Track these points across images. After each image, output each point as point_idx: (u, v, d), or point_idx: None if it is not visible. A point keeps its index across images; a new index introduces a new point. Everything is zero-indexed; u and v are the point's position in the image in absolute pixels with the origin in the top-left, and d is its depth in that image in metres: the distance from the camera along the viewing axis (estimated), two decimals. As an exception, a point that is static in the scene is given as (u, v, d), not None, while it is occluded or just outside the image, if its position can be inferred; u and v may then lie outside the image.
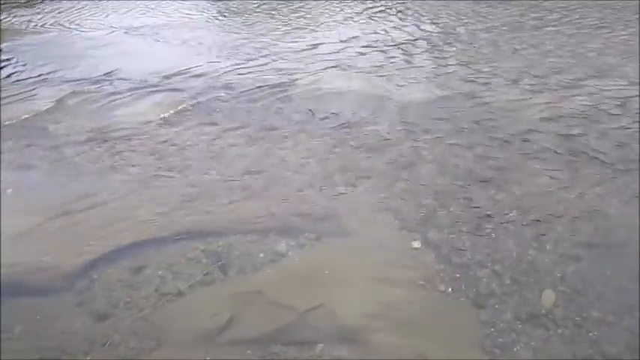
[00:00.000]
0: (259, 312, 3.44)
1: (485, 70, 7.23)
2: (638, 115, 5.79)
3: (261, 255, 3.92)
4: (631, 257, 3.82)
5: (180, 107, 6.26)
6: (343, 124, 5.79)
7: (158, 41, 9.25)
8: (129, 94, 6.84)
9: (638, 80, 6.72)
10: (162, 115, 6.07)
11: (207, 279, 3.73)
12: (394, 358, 3.10)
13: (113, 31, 10.23)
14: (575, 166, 4.89)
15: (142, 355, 3.15)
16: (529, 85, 6.68)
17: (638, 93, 6.33)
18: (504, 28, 9.45)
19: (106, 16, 11.83)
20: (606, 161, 4.95)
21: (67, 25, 11.08)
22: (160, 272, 3.76)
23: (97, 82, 7.34)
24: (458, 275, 3.69)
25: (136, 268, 3.81)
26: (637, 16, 9.67)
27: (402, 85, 6.80)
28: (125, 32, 10.07)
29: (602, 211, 4.29)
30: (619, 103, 6.10)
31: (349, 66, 7.54)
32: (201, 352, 3.14)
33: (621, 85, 6.59)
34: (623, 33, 8.66)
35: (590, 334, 3.24)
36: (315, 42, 8.71)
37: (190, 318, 3.41)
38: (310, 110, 6.14)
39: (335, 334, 3.25)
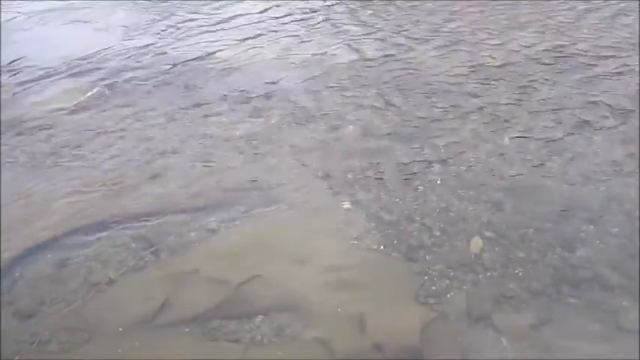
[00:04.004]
0: (195, 290, 3.39)
1: (404, 30, 7.27)
2: (552, 66, 6.04)
3: (192, 234, 3.84)
4: (548, 197, 4.02)
5: (93, 91, 5.95)
6: (266, 93, 5.71)
7: (66, 24, 8.72)
8: (38, 81, 6.43)
9: (547, 32, 6.98)
10: (75, 101, 5.76)
11: (139, 264, 3.62)
12: (333, 320, 3.14)
13: (16, 16, 9.57)
14: (492, 117, 5.05)
15: (74, 349, 3.04)
16: (447, 42, 6.79)
17: (548, 46, 6.59)
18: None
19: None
20: (521, 111, 5.15)
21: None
22: (87, 263, 3.61)
23: (2, 72, 6.87)
24: (389, 232, 3.76)
25: (61, 261, 3.63)
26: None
27: (323, 51, 6.74)
28: (30, 16, 9.45)
29: (520, 157, 4.47)
30: (532, 55, 6.32)
31: (269, 36, 7.39)
32: (136, 338, 3.07)
33: (533, 38, 6.81)
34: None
35: (517, 273, 3.41)
36: (233, 14, 8.46)
37: (123, 305, 3.32)
38: (231, 83, 6.01)
39: (273, 304, 3.26)
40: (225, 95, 5.75)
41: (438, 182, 4.23)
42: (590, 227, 3.73)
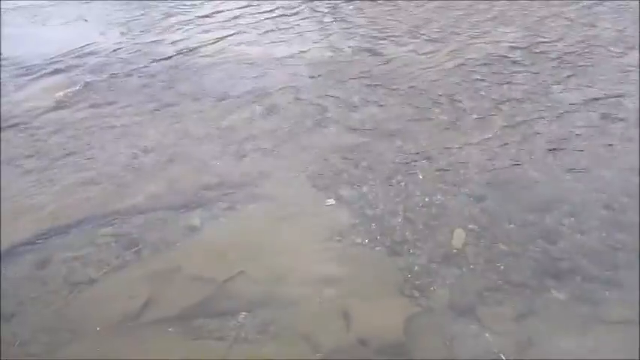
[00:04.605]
0: (178, 288, 3.35)
1: (386, 27, 7.28)
2: (533, 62, 6.10)
3: (175, 231, 3.80)
4: (530, 191, 4.05)
5: (73, 88, 5.86)
6: (247, 91, 5.67)
7: (44, 20, 8.60)
8: (17, 80, 6.32)
9: (529, 27, 7.05)
10: (55, 99, 5.67)
11: (121, 262, 3.57)
12: (318, 316, 3.14)
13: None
14: (474, 112, 5.08)
15: (58, 350, 2.99)
16: (428, 39, 6.81)
17: (529, 42, 6.65)
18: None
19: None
20: (502, 106, 5.19)
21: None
22: (67, 262, 3.56)
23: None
24: (373, 227, 3.76)
25: (41, 262, 3.57)
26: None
27: (304, 47, 6.73)
28: (5, 12, 9.29)
29: (503, 152, 4.50)
30: (513, 52, 6.38)
31: (250, 32, 7.35)
32: (119, 338, 3.03)
33: (514, 35, 6.87)
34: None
35: (499, 266, 3.43)
36: (214, 10, 8.40)
37: (106, 304, 3.27)
38: (213, 80, 5.97)
39: (257, 300, 3.24)
40: (206, 92, 5.71)
41: (421, 177, 4.25)
42: (571, 220, 3.77)
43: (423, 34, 6.92)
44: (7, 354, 2.97)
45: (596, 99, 5.23)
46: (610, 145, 4.54)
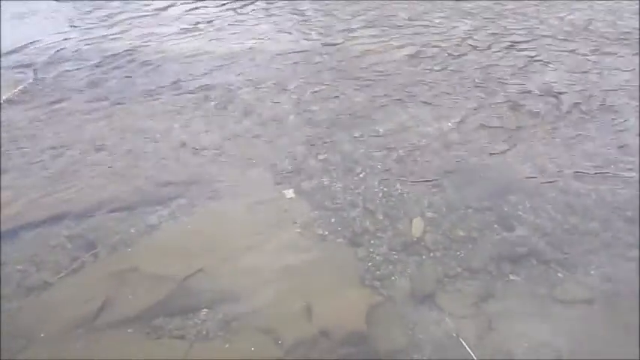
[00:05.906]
0: (137, 288, 3.28)
1: (344, 20, 7.28)
2: (488, 53, 6.20)
3: (132, 230, 3.72)
4: (487, 178, 4.12)
5: (22, 86, 5.66)
6: (203, 86, 5.58)
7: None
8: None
9: (486, 20, 7.15)
10: (2, 98, 5.47)
11: (76, 265, 3.48)
12: (279, 309, 3.12)
13: None
14: (431, 102, 5.14)
15: (13, 356, 2.90)
16: (387, 30, 6.84)
17: (486, 34, 6.75)
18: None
19: None
20: (458, 96, 5.26)
21: None
22: (20, 266, 3.44)
23: None
24: (333, 219, 3.77)
25: (-7, 266, 3.46)
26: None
27: (261, 40, 6.67)
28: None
29: (458, 140, 4.57)
30: (470, 42, 6.47)
31: (205, 26, 7.24)
32: (77, 341, 2.95)
33: (473, 27, 6.97)
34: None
35: (458, 253, 3.49)
36: (168, 4, 8.25)
37: (61, 308, 3.17)
38: (167, 75, 5.85)
39: (218, 297, 3.21)
40: (161, 87, 5.59)
41: (379, 167, 4.27)
42: (527, 205, 3.85)
43: (382, 27, 6.95)
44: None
45: (550, 86, 5.35)
46: (567, 134, 4.66)
